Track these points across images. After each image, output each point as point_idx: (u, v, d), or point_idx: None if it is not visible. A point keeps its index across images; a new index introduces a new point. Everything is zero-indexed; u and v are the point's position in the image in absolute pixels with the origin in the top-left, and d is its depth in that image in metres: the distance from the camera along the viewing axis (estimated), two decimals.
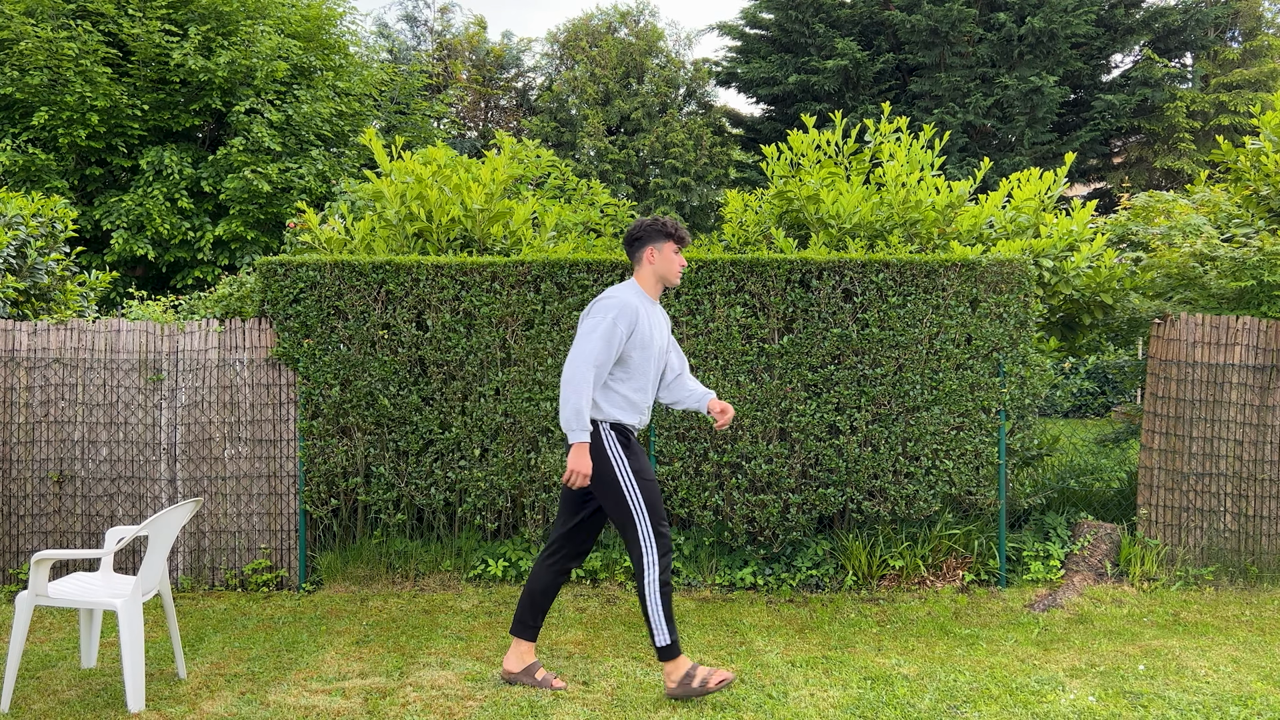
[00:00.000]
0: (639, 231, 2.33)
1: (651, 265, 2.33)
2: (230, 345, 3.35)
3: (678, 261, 2.34)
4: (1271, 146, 3.89)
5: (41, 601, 2.25)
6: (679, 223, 2.36)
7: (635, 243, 2.34)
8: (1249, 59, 11.06)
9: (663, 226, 2.32)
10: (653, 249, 2.31)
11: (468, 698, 2.32)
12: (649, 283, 2.34)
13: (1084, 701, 2.32)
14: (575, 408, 2.18)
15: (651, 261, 2.32)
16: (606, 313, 2.21)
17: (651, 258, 2.32)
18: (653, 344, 2.29)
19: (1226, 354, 3.44)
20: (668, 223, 2.32)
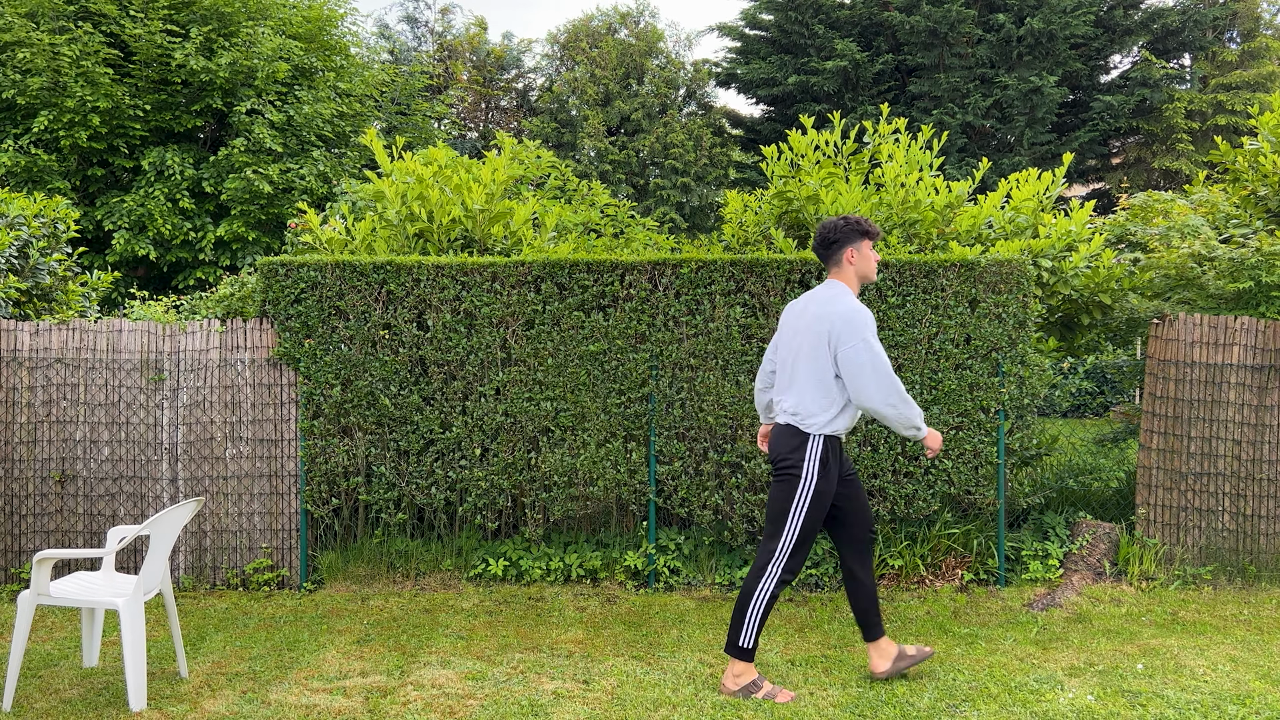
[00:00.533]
0: (835, 234, 2.30)
1: (852, 265, 2.31)
2: (232, 345, 3.36)
3: (874, 258, 2.33)
4: (1269, 147, 3.90)
5: (44, 601, 2.25)
6: (865, 217, 2.34)
7: (832, 245, 2.31)
8: (1247, 60, 11.08)
9: (858, 225, 2.29)
10: (852, 249, 2.30)
11: (468, 696, 2.33)
12: (853, 283, 2.33)
13: (1082, 700, 2.33)
14: (908, 417, 2.22)
15: (852, 262, 2.31)
16: (868, 327, 2.21)
17: (851, 258, 2.30)
18: None
19: (1225, 354, 3.45)
20: (861, 220, 2.30)
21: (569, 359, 3.33)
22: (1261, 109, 4.31)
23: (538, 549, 3.43)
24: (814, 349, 2.27)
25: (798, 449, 2.26)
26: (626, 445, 3.35)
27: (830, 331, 2.25)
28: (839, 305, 2.26)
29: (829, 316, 2.25)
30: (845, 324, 2.23)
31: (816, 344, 2.26)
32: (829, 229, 2.32)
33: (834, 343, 2.24)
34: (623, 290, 3.34)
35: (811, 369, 2.28)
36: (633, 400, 3.34)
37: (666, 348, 3.32)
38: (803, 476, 2.25)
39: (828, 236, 2.32)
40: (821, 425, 2.26)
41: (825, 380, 2.26)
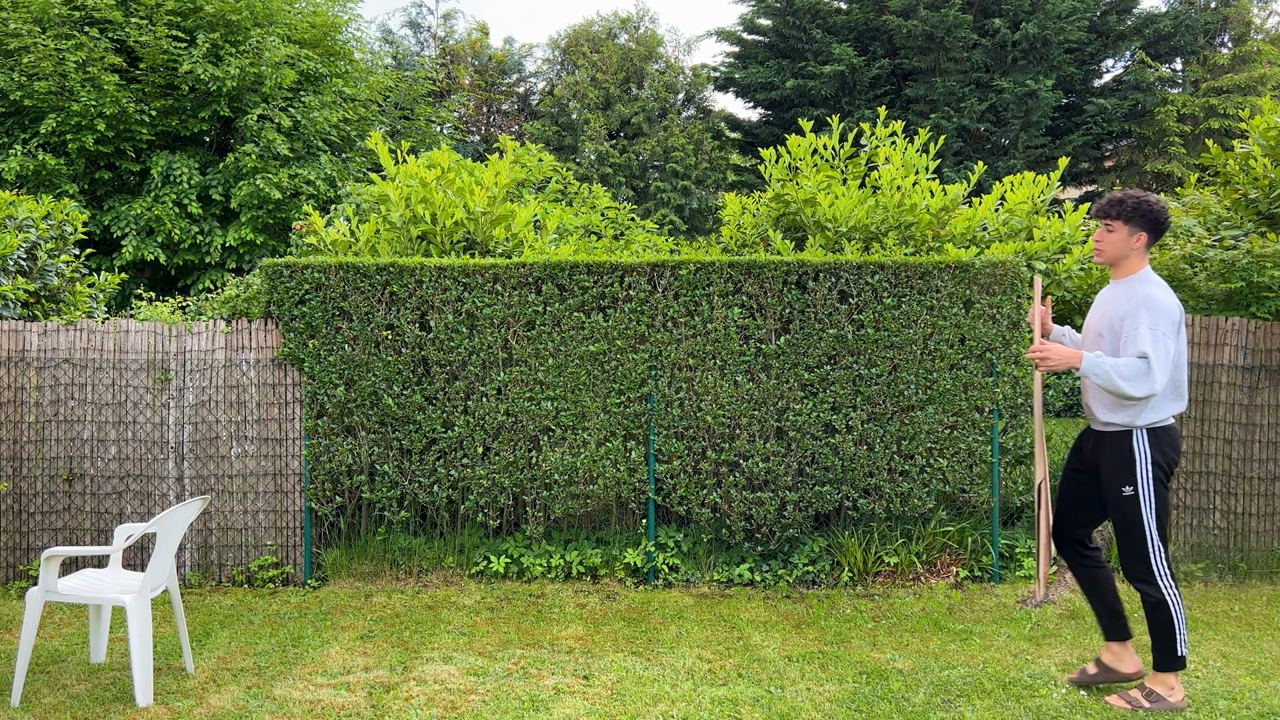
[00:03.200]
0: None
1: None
2: (237, 345, 3.40)
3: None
4: (1260, 150, 3.95)
5: (51, 597, 2.28)
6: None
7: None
8: (1238, 64, 11.17)
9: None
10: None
11: (470, 692, 2.36)
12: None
13: (1075, 695, 2.36)
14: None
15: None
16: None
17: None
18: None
19: (1215, 354, 3.49)
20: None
21: (569, 359, 3.37)
22: (1252, 112, 4.36)
23: (539, 546, 3.46)
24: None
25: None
26: (626, 444, 3.38)
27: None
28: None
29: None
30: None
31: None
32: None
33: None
34: (622, 291, 3.38)
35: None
36: (632, 400, 3.38)
37: (665, 348, 3.37)
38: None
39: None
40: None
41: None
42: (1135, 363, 2.04)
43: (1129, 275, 2.18)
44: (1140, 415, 2.13)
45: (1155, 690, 2.19)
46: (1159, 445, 2.14)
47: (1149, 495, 2.14)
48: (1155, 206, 2.16)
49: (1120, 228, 2.17)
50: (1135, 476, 2.13)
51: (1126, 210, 2.16)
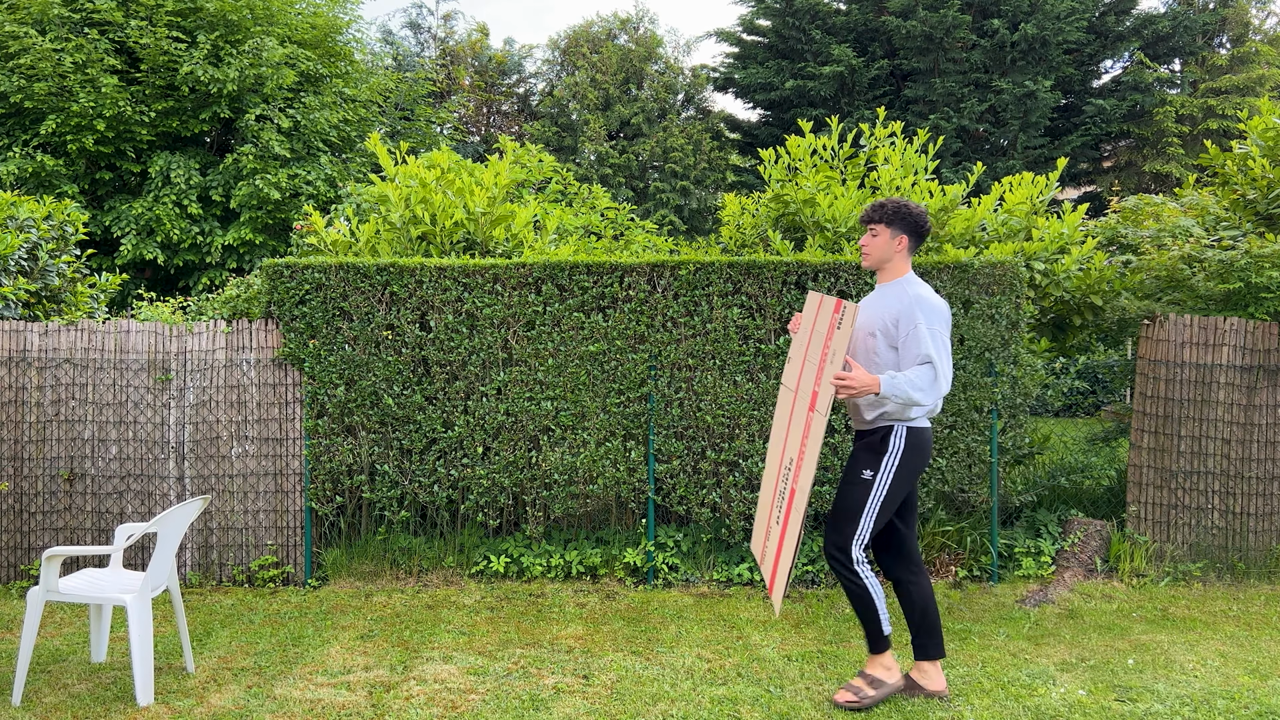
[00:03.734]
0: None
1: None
2: (237, 346, 3.41)
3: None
4: (1258, 151, 3.96)
5: (53, 597, 2.28)
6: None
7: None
8: (1237, 65, 11.19)
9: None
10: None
11: (470, 691, 2.36)
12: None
13: (1074, 695, 2.36)
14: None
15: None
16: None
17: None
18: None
19: (1214, 354, 3.50)
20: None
21: (569, 359, 3.37)
22: (1251, 113, 4.38)
23: (539, 546, 3.46)
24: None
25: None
26: (626, 444, 3.39)
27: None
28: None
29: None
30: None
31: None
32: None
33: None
34: (622, 292, 3.39)
35: None
36: (632, 400, 3.38)
37: (665, 348, 3.37)
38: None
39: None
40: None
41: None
42: (923, 371, 2.08)
43: (896, 278, 2.22)
44: (904, 412, 2.16)
45: (873, 674, 2.21)
46: (913, 447, 2.17)
47: (884, 487, 2.15)
48: (914, 211, 2.21)
49: (883, 231, 2.22)
50: (880, 465, 2.15)
51: (887, 214, 2.21)
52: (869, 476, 2.16)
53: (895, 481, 2.16)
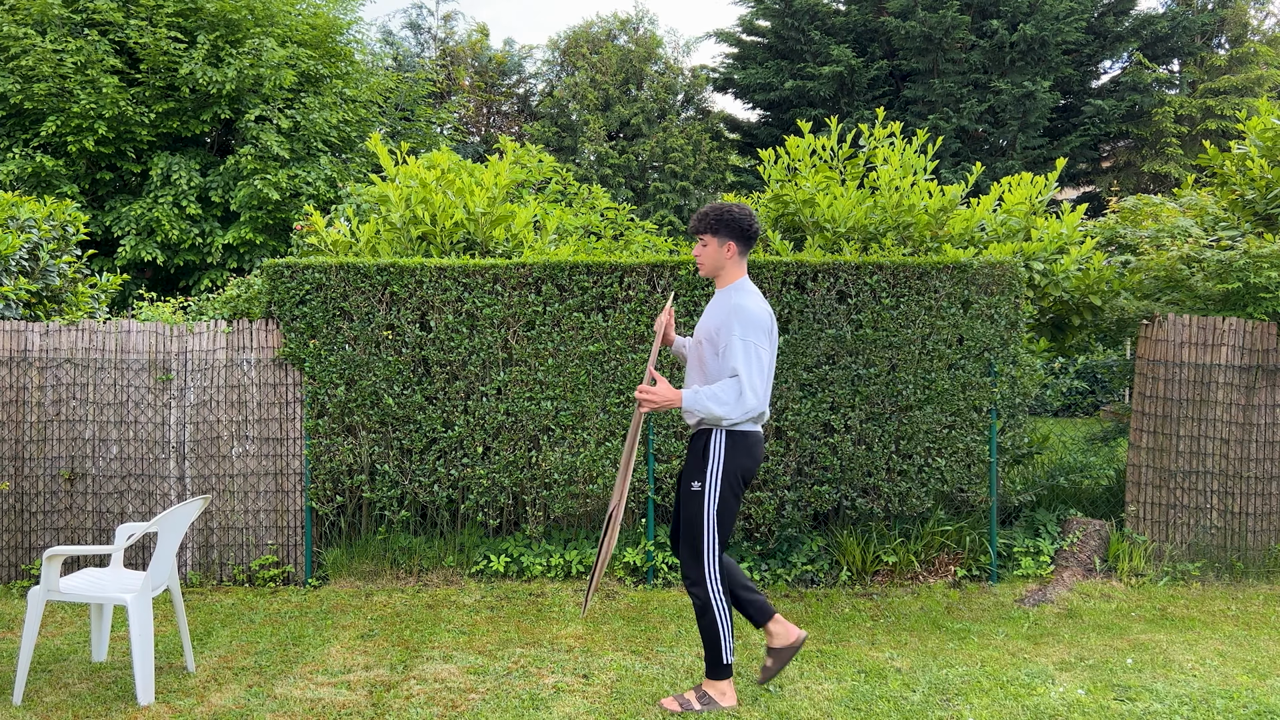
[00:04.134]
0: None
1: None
2: (238, 346, 3.41)
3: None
4: (1257, 151, 3.97)
5: (53, 596, 2.29)
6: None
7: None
8: (1235, 65, 11.21)
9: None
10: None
11: (470, 690, 2.37)
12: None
13: (1073, 694, 2.37)
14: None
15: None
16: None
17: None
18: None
19: (1213, 354, 3.51)
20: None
21: (569, 359, 3.38)
22: (1249, 114, 4.39)
23: (538, 546, 3.47)
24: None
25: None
26: None
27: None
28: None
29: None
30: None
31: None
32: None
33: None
34: (622, 292, 3.40)
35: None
36: (632, 400, 3.39)
37: (664, 348, 3.39)
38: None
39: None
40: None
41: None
42: (729, 385, 2.08)
43: (727, 285, 2.21)
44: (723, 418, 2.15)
45: (708, 693, 2.22)
46: (735, 450, 2.15)
47: (715, 495, 2.15)
48: (737, 214, 2.19)
49: (710, 240, 2.21)
50: (706, 474, 2.15)
51: (710, 223, 2.20)
52: (699, 488, 2.17)
53: (724, 487, 2.16)
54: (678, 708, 2.21)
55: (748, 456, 2.17)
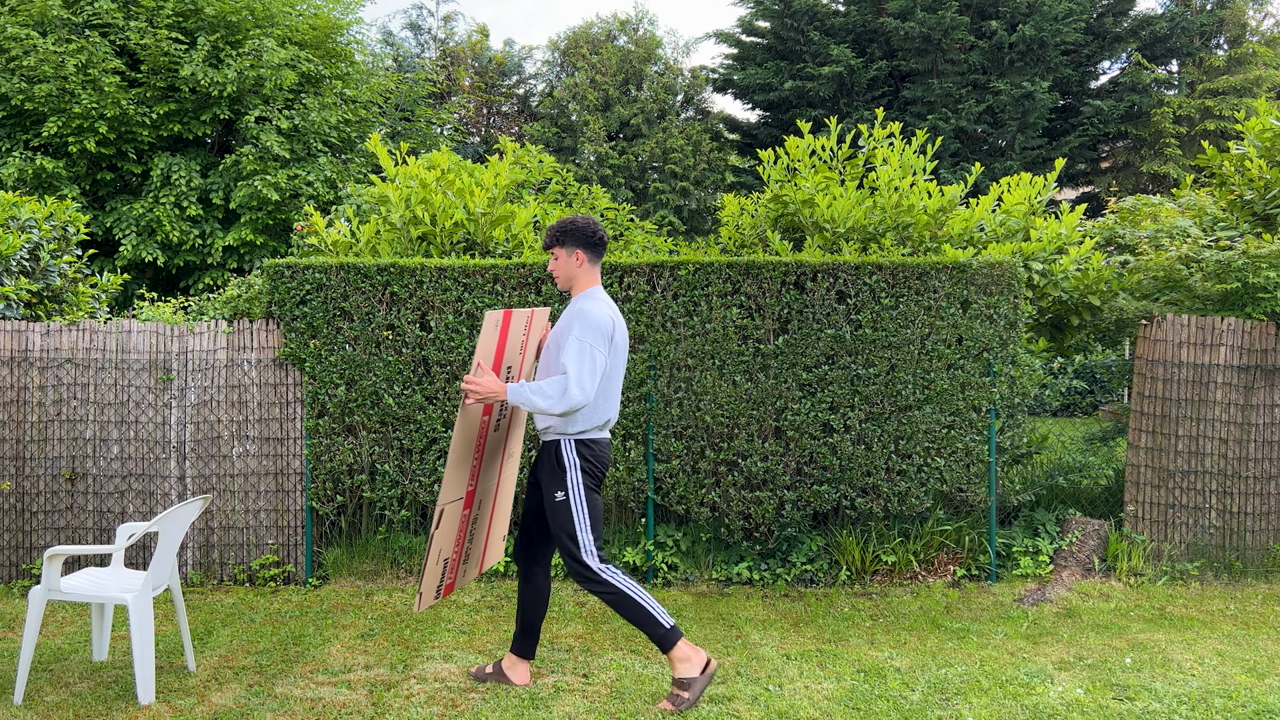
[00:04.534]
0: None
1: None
2: (238, 346, 3.42)
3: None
4: (1256, 152, 3.98)
5: (54, 596, 2.29)
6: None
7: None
8: (1234, 66, 11.23)
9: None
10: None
11: (470, 690, 2.37)
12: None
13: (1072, 694, 2.38)
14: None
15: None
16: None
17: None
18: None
19: (1211, 354, 3.52)
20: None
21: None
22: (1248, 115, 4.40)
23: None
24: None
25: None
26: (625, 443, 3.40)
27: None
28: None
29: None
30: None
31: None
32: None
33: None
34: (622, 291, 3.40)
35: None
36: (631, 399, 3.39)
37: (664, 348, 3.39)
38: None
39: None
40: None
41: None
42: (556, 382, 2.13)
43: (580, 292, 2.28)
44: (567, 425, 2.22)
45: (679, 676, 2.25)
46: (585, 457, 2.23)
47: (580, 500, 2.23)
48: (580, 224, 2.26)
49: (560, 253, 2.28)
50: (566, 484, 2.23)
51: (556, 235, 2.27)
52: (563, 498, 2.23)
53: (585, 490, 2.24)
54: (671, 707, 2.24)
55: (597, 461, 2.26)
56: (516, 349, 2.26)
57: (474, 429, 2.18)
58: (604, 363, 2.16)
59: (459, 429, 2.14)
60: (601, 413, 2.23)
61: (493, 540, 2.49)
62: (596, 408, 2.22)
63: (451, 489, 2.17)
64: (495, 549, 2.53)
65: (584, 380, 2.11)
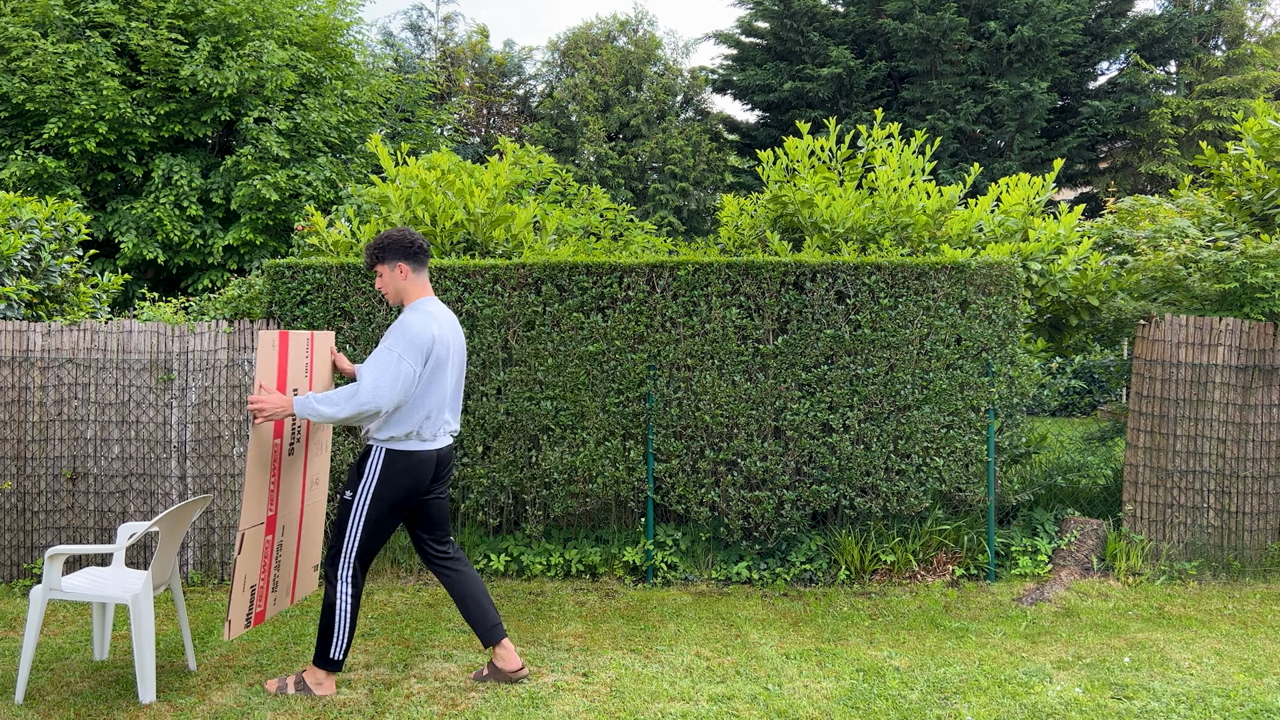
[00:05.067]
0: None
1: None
2: (239, 345, 3.43)
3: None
4: (1254, 152, 3.99)
5: (55, 595, 2.30)
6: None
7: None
8: (1232, 66, 11.25)
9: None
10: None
11: (470, 689, 2.38)
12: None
13: (1070, 693, 2.38)
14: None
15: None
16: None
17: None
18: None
19: (1210, 354, 3.53)
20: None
21: (569, 359, 3.39)
22: (1246, 115, 4.41)
23: (538, 545, 3.48)
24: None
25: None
26: (625, 443, 3.41)
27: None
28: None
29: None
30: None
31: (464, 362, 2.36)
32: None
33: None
34: (621, 292, 3.41)
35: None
36: (631, 399, 3.40)
37: (664, 348, 3.39)
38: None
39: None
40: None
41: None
42: (345, 389, 2.14)
43: (409, 304, 2.29)
44: (377, 431, 2.22)
45: (306, 681, 2.31)
46: (392, 470, 2.21)
47: (364, 509, 2.22)
48: (395, 236, 2.27)
49: (383, 269, 2.28)
50: (359, 488, 2.23)
51: (375, 254, 2.28)
52: (349, 497, 2.25)
53: (374, 504, 2.22)
54: (274, 688, 2.31)
55: (408, 477, 2.23)
56: (300, 371, 2.26)
57: (266, 451, 2.19)
58: (411, 373, 2.14)
59: (252, 453, 2.14)
60: (410, 422, 2.19)
61: (303, 570, 2.48)
62: (404, 416, 2.19)
63: (251, 513, 2.17)
64: (308, 579, 2.53)
65: (380, 386, 2.11)
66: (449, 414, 2.31)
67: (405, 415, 2.21)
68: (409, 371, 2.15)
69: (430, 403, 2.23)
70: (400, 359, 2.15)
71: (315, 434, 2.42)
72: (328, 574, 2.28)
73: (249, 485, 2.15)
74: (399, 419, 2.21)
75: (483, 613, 2.36)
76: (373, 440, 2.24)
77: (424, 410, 2.22)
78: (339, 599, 2.26)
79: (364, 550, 2.26)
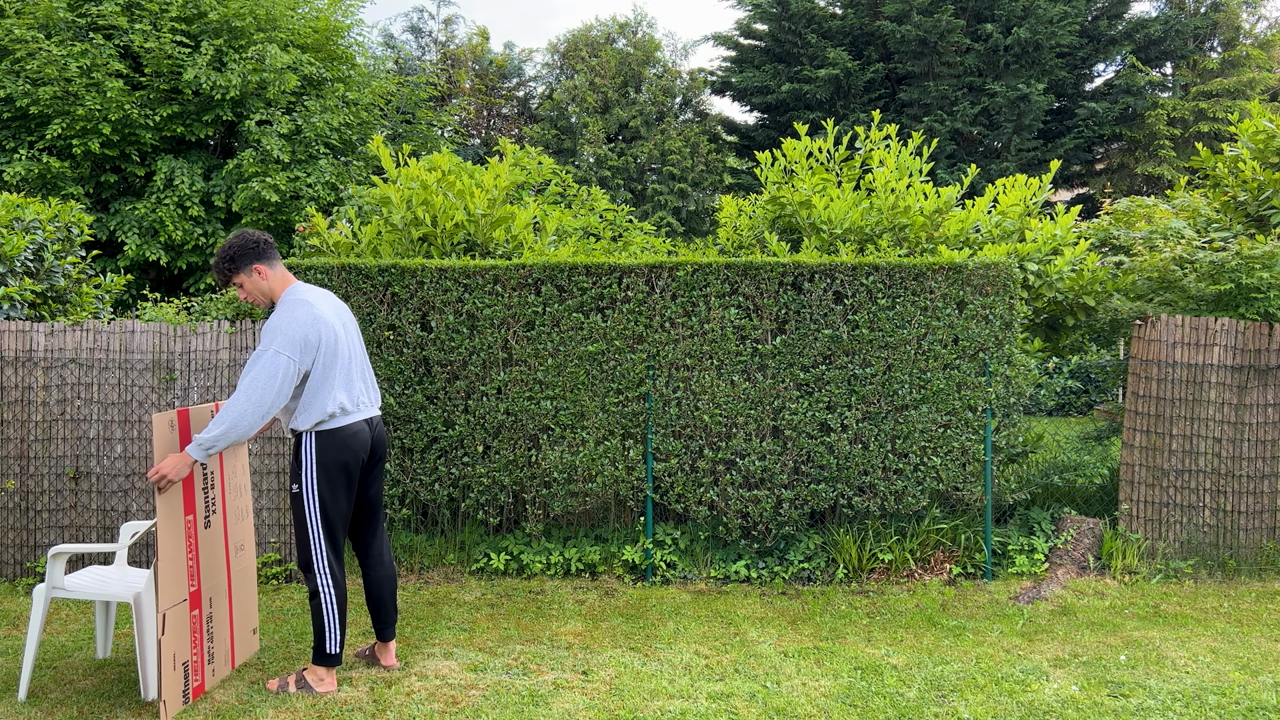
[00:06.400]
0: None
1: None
2: (241, 346, 3.44)
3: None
4: (1249, 154, 4.01)
5: (58, 594, 2.31)
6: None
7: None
8: (1227, 68, 11.29)
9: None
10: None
11: (470, 687, 2.39)
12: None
13: (1067, 691, 2.40)
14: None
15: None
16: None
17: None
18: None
19: (1205, 354, 3.55)
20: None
21: (568, 359, 3.41)
22: (1241, 116, 4.44)
23: (538, 544, 3.50)
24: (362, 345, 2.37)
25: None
26: (624, 443, 3.43)
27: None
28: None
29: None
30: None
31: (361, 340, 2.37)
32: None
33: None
34: (621, 292, 3.43)
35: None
36: (630, 399, 3.42)
37: (663, 348, 3.41)
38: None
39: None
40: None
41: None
42: (227, 405, 2.14)
43: (279, 299, 2.29)
44: (301, 420, 2.22)
45: (307, 679, 2.32)
46: (327, 448, 2.23)
47: (313, 495, 2.24)
48: (237, 244, 2.26)
49: (241, 279, 2.28)
50: (301, 477, 2.24)
51: (226, 268, 2.26)
52: (297, 491, 2.26)
53: (321, 487, 2.23)
54: (275, 687, 2.32)
55: (344, 450, 2.24)
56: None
57: (180, 530, 2.16)
58: (290, 364, 2.13)
59: (163, 531, 2.11)
60: (324, 405, 2.19)
61: (240, 634, 2.48)
62: (315, 403, 2.19)
63: (170, 593, 2.14)
64: (247, 642, 2.53)
65: (255, 387, 2.11)
66: (360, 384, 2.30)
67: (315, 401, 2.20)
68: (285, 364, 2.13)
69: (337, 381, 2.22)
70: (277, 354, 2.13)
71: (230, 481, 2.40)
72: (306, 568, 2.29)
73: (164, 565, 2.11)
74: (311, 407, 2.20)
75: (385, 615, 2.44)
76: (296, 428, 2.24)
77: (331, 390, 2.22)
78: (321, 592, 2.28)
79: (330, 536, 2.26)
